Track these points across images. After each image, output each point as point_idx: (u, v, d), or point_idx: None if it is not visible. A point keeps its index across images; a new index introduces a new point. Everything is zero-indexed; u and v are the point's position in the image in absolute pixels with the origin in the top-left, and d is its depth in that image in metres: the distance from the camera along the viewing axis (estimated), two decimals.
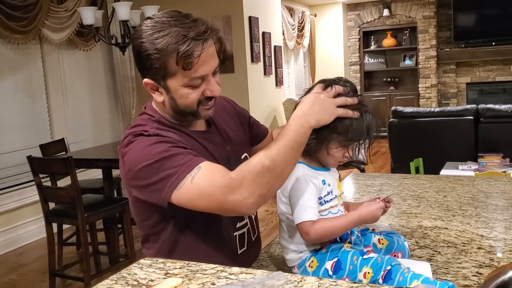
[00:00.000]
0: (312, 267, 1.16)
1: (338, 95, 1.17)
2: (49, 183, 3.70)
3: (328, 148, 1.18)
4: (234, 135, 1.42)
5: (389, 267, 1.04)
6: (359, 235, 1.25)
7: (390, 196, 1.23)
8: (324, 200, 1.18)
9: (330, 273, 1.12)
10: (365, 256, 1.09)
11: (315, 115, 1.13)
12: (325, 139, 1.16)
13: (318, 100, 1.14)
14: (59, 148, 4.04)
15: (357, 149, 1.19)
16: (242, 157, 1.42)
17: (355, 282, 1.04)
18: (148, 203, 1.22)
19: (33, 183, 3.22)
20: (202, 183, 1.13)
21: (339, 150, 1.18)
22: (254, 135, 1.52)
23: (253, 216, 1.43)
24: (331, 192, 1.19)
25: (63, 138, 4.17)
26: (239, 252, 1.35)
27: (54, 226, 3.44)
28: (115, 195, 3.72)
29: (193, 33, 1.16)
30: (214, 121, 1.38)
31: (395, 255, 1.22)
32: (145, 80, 1.25)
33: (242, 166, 1.14)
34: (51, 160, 3.38)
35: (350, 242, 1.22)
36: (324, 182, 1.18)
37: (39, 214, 3.56)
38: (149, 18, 1.22)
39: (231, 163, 1.34)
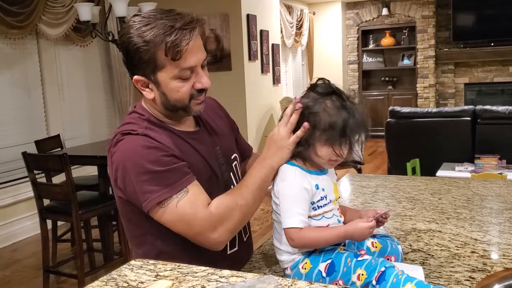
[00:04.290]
0: (305, 268, 1.15)
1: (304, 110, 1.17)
2: (44, 179, 3.69)
3: (315, 149, 1.16)
4: (224, 136, 1.42)
5: (383, 269, 1.03)
6: None
7: (388, 211, 1.22)
8: (318, 205, 1.17)
9: (324, 274, 1.11)
10: (359, 258, 1.08)
11: (273, 157, 1.22)
12: (308, 139, 1.16)
13: (272, 142, 1.23)
14: (55, 144, 4.02)
15: (345, 146, 1.15)
16: (232, 157, 1.42)
17: (346, 287, 1.04)
18: (132, 203, 1.23)
19: (28, 178, 3.21)
20: (186, 210, 1.18)
21: (325, 148, 1.15)
22: (239, 150, 1.51)
23: None
24: (325, 197, 1.18)
25: (58, 134, 4.15)
26: (229, 252, 1.34)
27: (49, 222, 3.43)
28: (110, 192, 3.70)
29: (179, 24, 1.17)
30: (203, 121, 1.38)
31: (388, 259, 1.21)
32: (135, 77, 1.24)
33: (222, 203, 1.21)
34: (46, 157, 3.37)
35: (344, 245, 1.21)
36: (317, 187, 1.16)
37: (33, 210, 3.55)
38: (136, 15, 1.23)
39: (221, 162, 1.35)
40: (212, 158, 1.33)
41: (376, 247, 1.22)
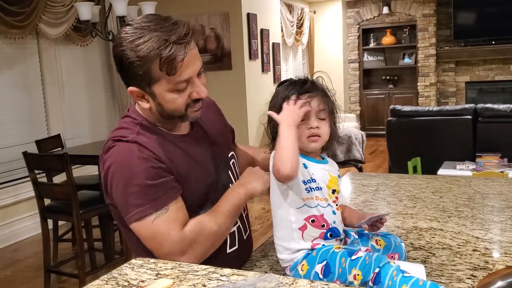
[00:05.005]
0: (303, 270, 1.15)
1: None
2: (45, 179, 3.69)
3: None
4: (219, 134, 1.41)
5: (377, 270, 1.01)
6: (356, 236, 1.24)
7: (385, 215, 1.23)
8: (310, 187, 1.16)
9: (321, 276, 1.10)
10: (353, 257, 1.06)
11: (249, 185, 1.29)
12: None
13: (251, 172, 1.32)
14: (55, 144, 4.02)
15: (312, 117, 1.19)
16: (229, 155, 1.41)
17: (347, 285, 1.03)
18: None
19: (29, 178, 3.21)
20: (161, 229, 1.18)
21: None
22: None
23: (243, 214, 1.42)
24: (314, 180, 1.17)
25: (59, 134, 4.16)
26: (229, 251, 1.34)
27: (50, 222, 3.43)
28: None
29: (174, 37, 1.14)
30: (197, 122, 1.37)
31: (392, 256, 1.20)
32: (130, 88, 1.23)
33: (197, 226, 1.21)
34: (46, 156, 3.37)
35: (345, 243, 1.20)
36: (305, 166, 1.18)
37: (34, 210, 3.55)
38: (128, 24, 1.20)
39: (218, 162, 1.35)
40: (207, 159, 1.32)
41: (380, 245, 1.22)
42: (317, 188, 1.17)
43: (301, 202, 1.16)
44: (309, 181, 1.17)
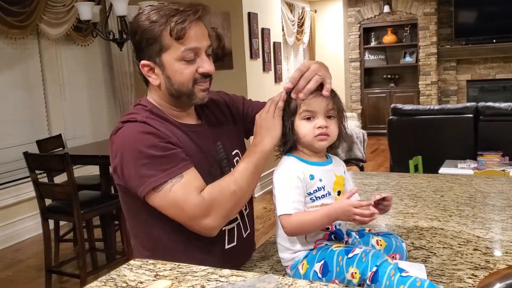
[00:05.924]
0: (303, 269, 1.14)
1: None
2: (46, 179, 3.69)
3: (297, 131, 1.19)
4: (225, 132, 1.43)
5: (374, 269, 1.01)
6: (357, 236, 1.23)
7: (387, 196, 1.18)
8: (315, 196, 1.16)
9: (320, 275, 1.10)
10: (349, 255, 1.06)
11: (263, 141, 1.27)
12: (287, 121, 1.21)
13: (259, 128, 1.29)
14: (56, 144, 4.02)
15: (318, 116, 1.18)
16: (233, 153, 1.42)
17: (345, 285, 1.03)
18: (129, 191, 1.25)
19: (30, 178, 3.21)
20: (179, 195, 1.19)
21: (302, 124, 1.18)
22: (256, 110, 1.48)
23: (245, 213, 1.42)
24: (323, 188, 1.16)
25: (60, 134, 4.16)
26: (227, 247, 1.34)
27: (51, 222, 3.43)
28: (112, 191, 3.70)
29: (184, 7, 1.24)
30: (205, 116, 1.40)
31: (393, 257, 1.19)
32: (142, 62, 1.28)
33: (214, 188, 1.22)
34: (47, 157, 3.37)
35: (346, 242, 1.19)
36: (312, 177, 1.16)
37: (35, 210, 3.55)
38: (148, 5, 1.30)
39: (222, 157, 1.37)
40: (212, 153, 1.34)
41: (381, 245, 1.21)
42: (323, 196, 1.16)
43: (305, 209, 1.15)
44: (315, 191, 1.16)
